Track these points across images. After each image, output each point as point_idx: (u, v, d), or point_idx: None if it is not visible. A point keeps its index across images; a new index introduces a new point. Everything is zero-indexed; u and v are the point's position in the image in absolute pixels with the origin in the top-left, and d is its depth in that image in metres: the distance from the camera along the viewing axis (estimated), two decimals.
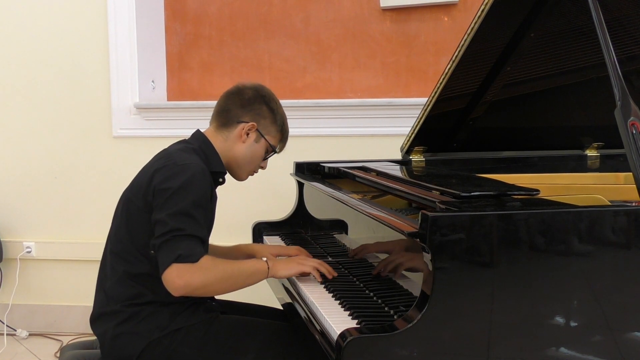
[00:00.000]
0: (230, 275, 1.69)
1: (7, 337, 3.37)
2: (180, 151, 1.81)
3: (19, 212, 3.45)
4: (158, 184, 1.69)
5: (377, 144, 3.10)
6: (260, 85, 1.97)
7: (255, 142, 1.91)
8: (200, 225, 1.67)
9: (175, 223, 1.63)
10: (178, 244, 1.61)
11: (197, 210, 1.66)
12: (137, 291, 1.74)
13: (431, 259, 1.32)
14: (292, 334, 1.82)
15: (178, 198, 1.66)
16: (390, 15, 3.31)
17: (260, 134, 1.91)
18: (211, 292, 1.75)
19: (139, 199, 1.74)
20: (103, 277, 1.83)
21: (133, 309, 1.74)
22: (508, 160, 2.56)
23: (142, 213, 1.72)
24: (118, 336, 1.74)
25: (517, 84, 2.28)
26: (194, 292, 1.64)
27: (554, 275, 1.37)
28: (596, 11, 1.63)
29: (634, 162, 1.49)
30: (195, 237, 1.64)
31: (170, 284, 1.60)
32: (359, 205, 1.78)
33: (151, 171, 1.74)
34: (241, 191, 3.16)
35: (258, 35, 3.45)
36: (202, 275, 1.61)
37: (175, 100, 3.50)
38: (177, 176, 1.69)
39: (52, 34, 3.34)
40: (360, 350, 1.29)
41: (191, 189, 1.67)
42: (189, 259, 1.60)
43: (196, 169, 1.71)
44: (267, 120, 1.92)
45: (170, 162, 1.73)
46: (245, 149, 1.90)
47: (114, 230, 1.83)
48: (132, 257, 1.75)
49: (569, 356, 1.38)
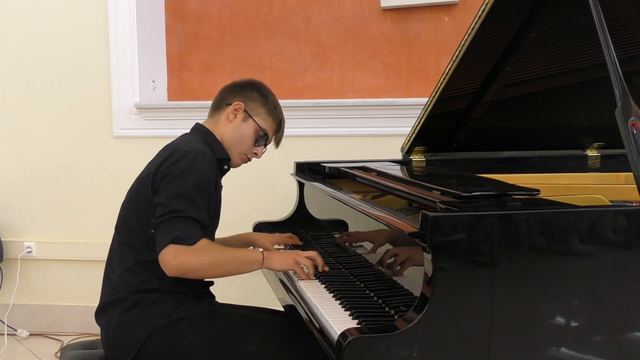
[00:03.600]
0: (225, 261, 1.73)
1: (8, 337, 3.37)
2: (186, 141, 1.87)
3: (19, 212, 3.45)
4: (164, 169, 1.74)
5: (378, 144, 3.10)
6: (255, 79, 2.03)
7: (243, 121, 1.94)
8: (200, 209, 1.70)
9: (174, 205, 1.67)
10: (176, 225, 1.65)
11: (198, 194, 1.70)
12: (144, 278, 1.77)
13: (431, 259, 1.32)
14: (293, 328, 1.83)
15: (179, 181, 1.70)
16: (391, 15, 3.31)
17: (248, 114, 1.94)
18: (205, 275, 1.78)
19: (148, 188, 1.77)
20: (110, 270, 1.86)
21: (138, 296, 1.77)
22: (508, 160, 2.56)
23: (151, 200, 1.76)
24: (122, 323, 1.76)
25: (517, 84, 2.28)
26: (188, 274, 1.68)
27: (555, 276, 1.37)
28: (597, 11, 1.62)
29: (635, 162, 1.49)
30: (194, 219, 1.68)
31: (165, 263, 1.65)
32: (359, 205, 1.78)
33: (159, 161, 1.78)
34: (242, 191, 3.17)
35: (258, 35, 3.45)
36: (197, 257, 1.65)
37: (176, 100, 3.50)
38: (181, 160, 1.74)
39: (52, 34, 3.34)
40: (360, 350, 1.29)
41: (193, 173, 1.72)
42: (186, 241, 1.64)
43: (200, 154, 1.76)
44: (256, 103, 1.96)
45: (176, 149, 1.78)
46: (232, 128, 1.94)
47: (122, 221, 1.86)
48: (142, 245, 1.78)
49: (569, 356, 1.38)
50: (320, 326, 1.52)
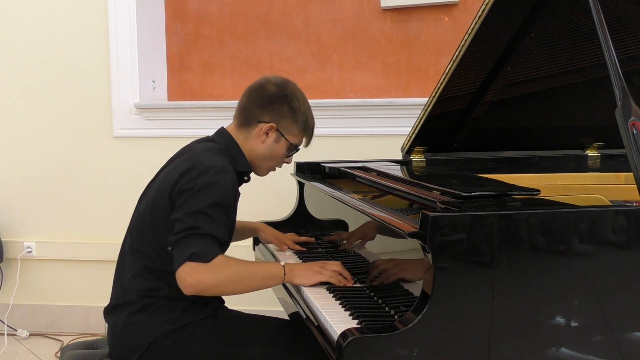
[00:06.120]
0: (243, 277, 1.69)
1: (8, 337, 3.37)
2: (207, 152, 1.81)
3: (19, 212, 3.45)
4: (183, 184, 1.71)
5: (378, 144, 3.10)
6: (285, 81, 1.93)
7: (275, 142, 1.89)
8: (218, 225, 1.67)
9: (191, 221, 1.64)
10: (193, 242, 1.62)
11: (216, 211, 1.67)
12: (155, 285, 1.76)
13: (431, 259, 1.32)
14: (296, 331, 1.82)
15: (198, 198, 1.67)
16: (391, 15, 3.31)
17: (281, 133, 1.89)
18: (223, 292, 1.75)
19: (165, 199, 1.74)
20: (121, 270, 1.85)
21: (148, 300, 1.76)
22: (509, 160, 2.56)
23: (167, 213, 1.73)
24: (129, 325, 1.75)
25: (517, 84, 2.28)
26: (205, 292, 1.65)
27: (555, 275, 1.37)
28: (597, 11, 1.62)
29: (635, 162, 1.49)
30: (211, 236, 1.65)
31: (182, 281, 1.62)
32: (359, 205, 1.78)
33: (178, 172, 1.74)
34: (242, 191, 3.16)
35: (258, 35, 3.45)
36: (214, 275, 1.62)
37: (176, 100, 3.50)
38: (201, 176, 1.70)
39: (52, 34, 3.34)
40: (360, 350, 1.29)
41: (213, 190, 1.68)
42: (202, 258, 1.61)
43: (221, 171, 1.72)
44: (287, 120, 1.89)
45: (197, 162, 1.74)
46: (264, 148, 1.89)
47: (136, 226, 1.84)
48: (154, 253, 1.77)
49: (569, 356, 1.38)
50: (320, 326, 1.52)
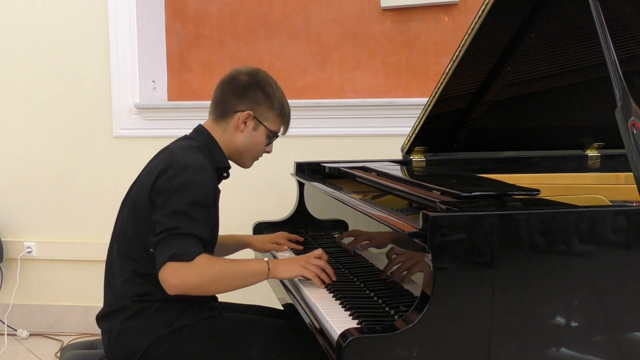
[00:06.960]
0: (227, 275, 1.68)
1: (8, 337, 3.37)
2: (184, 150, 1.80)
3: (19, 212, 3.45)
4: (161, 184, 1.69)
5: (378, 144, 3.10)
6: (256, 69, 1.94)
7: (254, 129, 1.89)
8: (199, 224, 1.66)
9: (171, 222, 1.63)
10: (173, 243, 1.61)
11: (196, 209, 1.66)
12: (147, 289, 1.74)
13: (432, 259, 1.32)
14: (294, 331, 1.82)
15: (177, 197, 1.65)
16: (391, 15, 3.31)
17: (258, 121, 1.88)
18: (207, 292, 1.73)
19: (144, 201, 1.73)
20: (111, 277, 1.83)
21: (142, 305, 1.74)
22: (509, 160, 2.56)
23: (148, 214, 1.71)
24: (125, 331, 1.73)
25: (517, 84, 2.28)
26: (190, 291, 1.63)
27: (555, 275, 1.37)
28: (597, 11, 1.63)
29: (635, 162, 1.49)
30: (192, 235, 1.63)
31: (165, 282, 1.61)
32: (359, 205, 1.78)
33: (155, 172, 1.73)
34: (242, 191, 3.17)
35: (258, 35, 3.45)
36: (197, 274, 1.61)
37: (176, 100, 3.50)
38: (178, 175, 1.68)
39: (52, 35, 3.35)
40: (360, 350, 1.29)
41: (191, 189, 1.67)
42: (184, 257, 1.60)
43: (199, 169, 1.71)
44: (263, 107, 1.89)
45: (174, 161, 1.72)
46: (244, 138, 1.88)
47: (120, 231, 1.82)
48: (140, 257, 1.75)
49: (569, 356, 1.38)
50: (320, 326, 1.52)
